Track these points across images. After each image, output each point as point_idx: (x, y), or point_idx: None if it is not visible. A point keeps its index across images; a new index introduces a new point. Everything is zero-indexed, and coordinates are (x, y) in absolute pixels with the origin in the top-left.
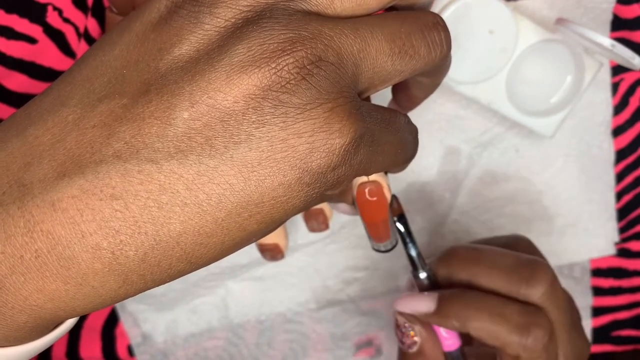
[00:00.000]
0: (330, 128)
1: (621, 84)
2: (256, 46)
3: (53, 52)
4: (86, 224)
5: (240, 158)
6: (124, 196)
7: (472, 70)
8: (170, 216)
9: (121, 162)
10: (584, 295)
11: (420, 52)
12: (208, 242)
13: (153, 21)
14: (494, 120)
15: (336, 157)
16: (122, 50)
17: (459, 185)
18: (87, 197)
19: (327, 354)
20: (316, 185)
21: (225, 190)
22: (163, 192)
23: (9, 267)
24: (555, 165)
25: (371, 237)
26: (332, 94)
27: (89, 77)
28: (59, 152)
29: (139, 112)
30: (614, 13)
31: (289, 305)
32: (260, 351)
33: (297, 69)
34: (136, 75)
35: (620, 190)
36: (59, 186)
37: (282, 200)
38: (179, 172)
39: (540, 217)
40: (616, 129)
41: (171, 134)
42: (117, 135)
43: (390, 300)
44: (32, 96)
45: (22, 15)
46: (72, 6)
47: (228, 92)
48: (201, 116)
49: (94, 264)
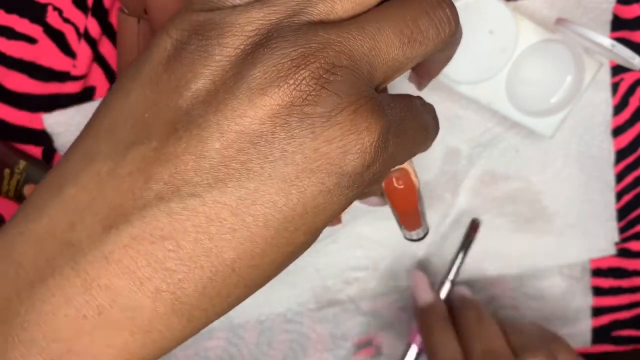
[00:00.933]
0: (357, 129)
1: (621, 84)
2: (271, 67)
3: (53, 52)
4: (142, 270)
5: (278, 175)
6: (174, 235)
7: (472, 70)
8: (223, 245)
9: (164, 202)
10: (584, 295)
11: (430, 35)
12: (261, 263)
13: (162, 61)
14: (494, 120)
15: (369, 155)
16: (138, 95)
17: (459, 185)
18: (138, 244)
19: (327, 354)
20: (354, 186)
21: (269, 208)
22: (211, 223)
23: (75, 329)
24: (555, 165)
25: (403, 226)
26: (353, 96)
27: (111, 128)
28: (100, 206)
29: (171, 151)
30: (614, 13)
31: (289, 305)
32: (260, 351)
33: (315, 80)
34: (159, 117)
35: (621, 190)
36: (108, 239)
37: (324, 207)
38: (222, 200)
39: (540, 217)
40: (616, 129)
41: (207, 166)
42: (155, 178)
43: (390, 300)
44: (32, 96)
45: (22, 15)
46: (72, 6)
47: (253, 115)
48: (233, 143)
49: (157, 308)
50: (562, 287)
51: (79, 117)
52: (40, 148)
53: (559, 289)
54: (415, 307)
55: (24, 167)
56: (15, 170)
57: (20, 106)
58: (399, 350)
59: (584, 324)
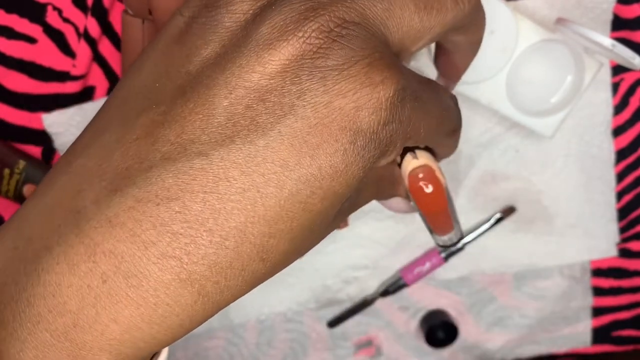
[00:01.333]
0: (372, 82)
1: (621, 84)
2: (279, 22)
3: (53, 52)
4: (147, 233)
5: (288, 131)
6: (181, 196)
7: (472, 70)
8: (232, 206)
9: (171, 162)
10: (585, 296)
11: (447, 4)
12: (275, 230)
13: (175, 36)
14: (494, 120)
15: (384, 112)
16: (150, 68)
17: (459, 185)
18: (142, 206)
19: (327, 353)
20: (371, 146)
21: (281, 167)
22: (219, 182)
23: (79, 300)
24: (555, 165)
25: (433, 230)
26: (367, 49)
27: (123, 101)
28: (107, 171)
29: (179, 112)
30: (614, 13)
31: (289, 305)
32: (260, 351)
33: (325, 33)
34: (169, 83)
35: (621, 190)
36: (112, 202)
37: (340, 168)
38: (230, 158)
39: (541, 217)
40: (616, 129)
41: (215, 124)
42: (162, 139)
43: (390, 300)
44: (32, 96)
45: (22, 15)
46: (72, 6)
47: (262, 71)
48: (241, 100)
49: (163, 275)
50: (562, 287)
51: (78, 117)
52: (40, 148)
53: (559, 289)
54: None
55: (23, 167)
56: (15, 170)
57: (20, 106)
58: (399, 350)
59: (584, 324)
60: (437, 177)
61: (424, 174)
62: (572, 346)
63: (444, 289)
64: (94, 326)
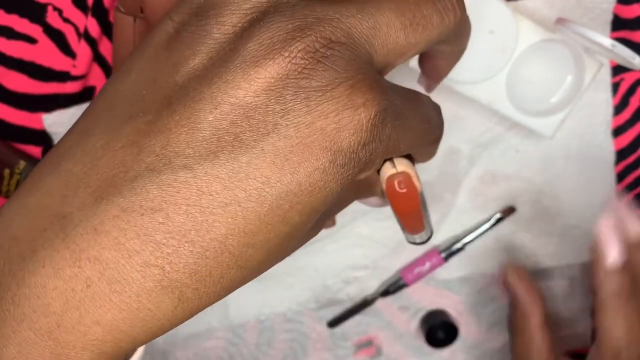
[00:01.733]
0: (354, 104)
1: (621, 84)
2: (266, 40)
3: (53, 52)
4: (131, 242)
5: (271, 149)
6: (164, 207)
7: (472, 70)
8: (214, 219)
9: (155, 174)
10: (584, 296)
11: (433, 21)
12: (254, 241)
13: (163, 42)
14: (494, 120)
15: (365, 133)
16: (137, 74)
17: (459, 186)
18: (127, 215)
19: (327, 353)
20: (350, 165)
21: (263, 183)
22: (202, 195)
23: (63, 302)
24: (556, 166)
25: (405, 229)
26: (350, 71)
27: (110, 105)
28: (92, 179)
29: (164, 124)
30: (614, 13)
31: (289, 305)
32: (260, 351)
33: (310, 53)
34: (156, 93)
35: (621, 190)
36: (98, 210)
37: (319, 185)
38: (213, 173)
39: (541, 217)
40: (616, 129)
41: (200, 138)
42: (147, 150)
43: (390, 300)
44: (31, 96)
45: (22, 15)
46: (72, 6)
47: (247, 87)
48: (226, 115)
49: (146, 282)
50: (562, 287)
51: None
52: (40, 148)
53: (559, 289)
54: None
55: (23, 167)
56: (15, 170)
57: (20, 106)
58: (399, 350)
59: (584, 324)
60: (413, 183)
61: (401, 180)
62: (572, 346)
63: (444, 289)
64: (77, 327)
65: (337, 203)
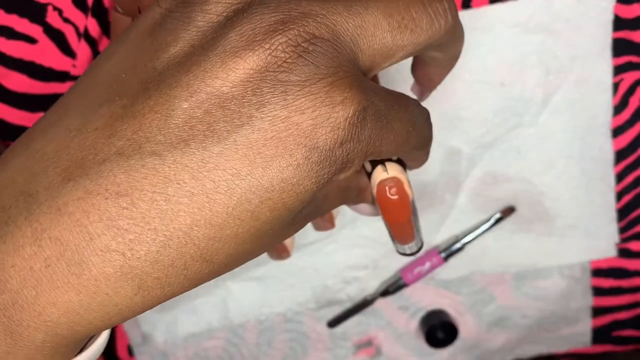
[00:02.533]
0: (332, 101)
1: (621, 84)
2: (248, 31)
3: (53, 52)
4: (93, 225)
5: (243, 141)
6: (130, 192)
7: None
8: (179, 208)
9: (124, 158)
10: (585, 296)
11: (422, 24)
12: (221, 235)
13: (148, 27)
14: (495, 121)
15: (342, 131)
16: (119, 57)
17: (459, 186)
18: (92, 198)
19: (327, 353)
20: (326, 163)
21: (233, 176)
22: (168, 183)
23: (20, 280)
24: (557, 167)
25: (395, 239)
26: (332, 68)
27: (89, 87)
28: (63, 159)
29: (139, 109)
30: (615, 13)
31: (289, 305)
32: (260, 351)
33: (292, 47)
34: (135, 77)
35: (621, 190)
36: (64, 190)
37: (292, 182)
38: (182, 161)
39: (542, 218)
40: (616, 129)
41: (172, 125)
42: (118, 134)
43: (390, 300)
44: (32, 96)
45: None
46: (72, 6)
47: (225, 77)
48: (201, 104)
49: (105, 267)
50: (562, 287)
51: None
52: None
53: (559, 289)
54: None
55: None
56: None
57: (20, 106)
58: (399, 350)
59: (584, 324)
60: (404, 190)
61: (392, 186)
62: (572, 346)
63: (444, 289)
64: (33, 307)
65: (319, 204)
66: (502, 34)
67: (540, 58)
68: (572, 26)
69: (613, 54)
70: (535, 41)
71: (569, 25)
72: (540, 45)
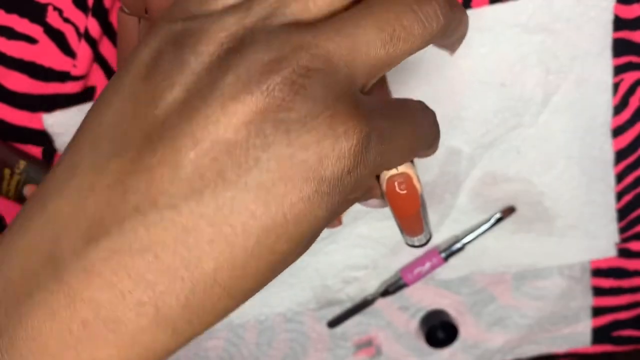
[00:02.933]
0: (335, 134)
1: (621, 84)
2: (244, 73)
3: (53, 52)
4: (123, 282)
5: (254, 184)
6: (153, 247)
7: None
8: (201, 256)
9: (142, 214)
10: (585, 296)
11: (414, 32)
12: (244, 273)
13: (141, 72)
14: (495, 121)
15: (348, 160)
16: (118, 107)
17: (459, 186)
18: (117, 257)
19: (327, 353)
20: (335, 191)
21: (248, 218)
22: (188, 234)
23: (61, 344)
24: (557, 167)
25: (404, 231)
26: (329, 100)
27: (93, 141)
28: (82, 220)
29: (147, 162)
30: (615, 13)
31: (289, 305)
32: (260, 351)
33: (288, 86)
34: (137, 128)
35: (621, 190)
36: (89, 252)
37: (304, 214)
38: (198, 211)
39: (542, 218)
40: (616, 129)
41: (183, 176)
42: (132, 190)
43: (390, 300)
44: (32, 96)
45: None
46: (72, 6)
47: (227, 123)
48: (207, 152)
49: (140, 321)
50: (562, 287)
51: (79, 117)
52: (40, 148)
53: (559, 289)
54: None
55: (24, 167)
56: (16, 171)
57: (20, 106)
58: (399, 350)
59: (584, 324)
60: (413, 184)
61: (402, 182)
62: (572, 346)
63: (444, 289)
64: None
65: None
66: (502, 34)
67: (540, 58)
68: (572, 26)
69: (613, 54)
70: (535, 41)
71: (569, 25)
72: (540, 45)
